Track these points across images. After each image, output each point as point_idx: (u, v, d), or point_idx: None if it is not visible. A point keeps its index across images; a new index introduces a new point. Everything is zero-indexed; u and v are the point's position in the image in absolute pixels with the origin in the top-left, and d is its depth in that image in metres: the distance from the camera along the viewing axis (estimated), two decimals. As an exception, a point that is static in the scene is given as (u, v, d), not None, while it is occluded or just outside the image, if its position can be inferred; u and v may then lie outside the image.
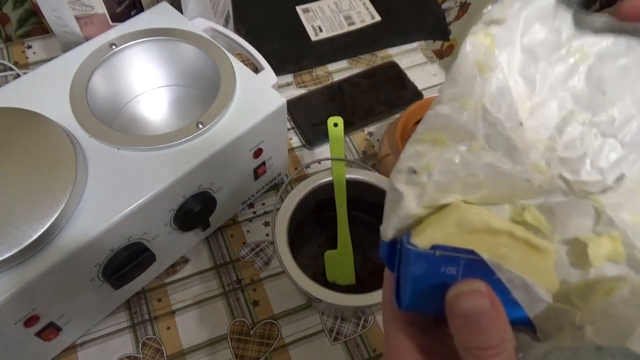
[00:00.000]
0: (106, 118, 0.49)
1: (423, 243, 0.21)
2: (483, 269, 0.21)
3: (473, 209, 0.21)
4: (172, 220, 0.46)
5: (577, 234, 0.22)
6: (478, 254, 0.21)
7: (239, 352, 0.50)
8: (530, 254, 0.22)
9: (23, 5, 0.72)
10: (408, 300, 0.22)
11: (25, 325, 0.40)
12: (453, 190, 0.22)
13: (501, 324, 0.20)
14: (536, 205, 0.23)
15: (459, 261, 0.21)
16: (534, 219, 0.23)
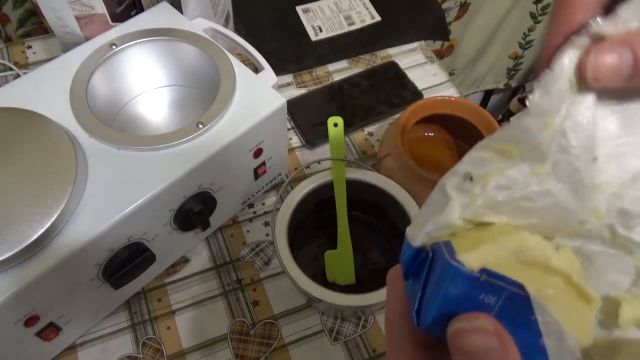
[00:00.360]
0: (106, 118, 0.49)
1: (472, 263, 0.18)
2: (523, 306, 0.19)
3: (535, 240, 0.20)
4: (172, 220, 0.46)
5: (611, 290, 0.21)
6: (526, 289, 0.18)
7: (239, 352, 0.50)
8: (577, 302, 0.20)
9: (23, 5, 0.72)
10: (431, 320, 0.19)
11: (25, 325, 0.40)
12: (502, 210, 0.20)
13: None
14: (572, 247, 0.21)
15: (502, 292, 0.19)
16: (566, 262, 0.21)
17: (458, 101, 0.57)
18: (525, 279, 0.19)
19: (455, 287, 0.18)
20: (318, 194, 0.52)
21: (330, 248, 0.53)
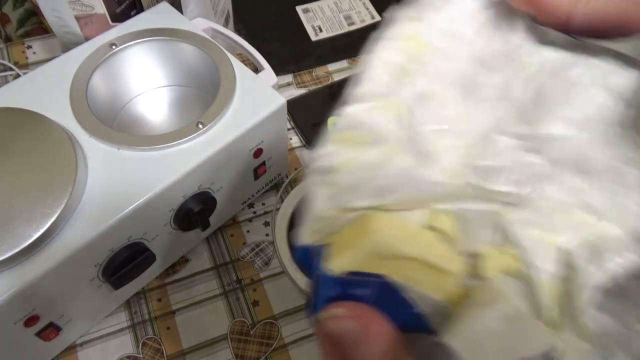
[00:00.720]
0: (106, 118, 0.49)
1: (337, 268, 0.21)
2: (391, 290, 0.21)
3: (386, 234, 0.21)
4: (172, 220, 0.46)
5: (478, 245, 0.22)
6: (385, 277, 0.21)
7: (239, 352, 0.50)
8: (437, 275, 0.21)
9: (23, 5, 0.72)
10: None
11: (25, 325, 0.40)
12: (366, 192, 0.22)
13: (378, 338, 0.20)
14: (447, 211, 0.22)
15: (370, 283, 0.21)
16: (446, 225, 0.22)
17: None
18: (385, 270, 0.21)
19: (330, 291, 0.21)
20: (318, 194, 0.52)
21: (330, 248, 0.53)
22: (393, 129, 0.22)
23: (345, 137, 0.22)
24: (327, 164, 0.21)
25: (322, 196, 0.21)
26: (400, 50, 0.22)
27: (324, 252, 0.21)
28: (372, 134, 0.22)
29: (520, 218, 0.22)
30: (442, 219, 0.22)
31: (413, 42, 0.22)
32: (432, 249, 0.22)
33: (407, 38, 0.22)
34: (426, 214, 0.22)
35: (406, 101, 0.22)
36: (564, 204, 0.21)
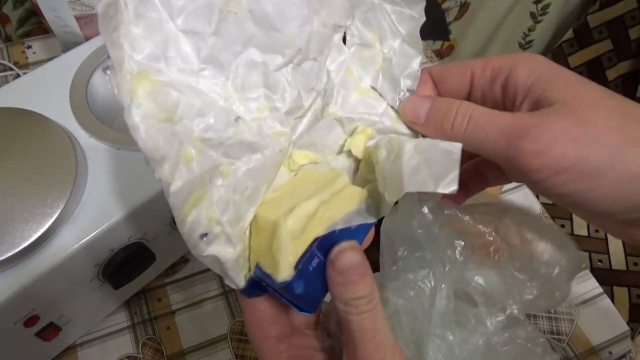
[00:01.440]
0: (106, 118, 0.49)
1: (287, 274, 0.23)
2: (327, 237, 0.24)
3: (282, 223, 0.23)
4: (172, 220, 0.46)
5: (338, 146, 0.26)
6: (316, 238, 0.23)
7: (239, 352, 0.50)
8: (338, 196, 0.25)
9: (23, 5, 0.72)
10: (309, 305, 0.24)
11: (25, 325, 0.40)
12: (244, 210, 0.24)
13: (370, 275, 0.23)
14: (296, 148, 0.26)
15: (314, 252, 0.23)
16: (303, 158, 0.26)
17: (458, 101, 0.57)
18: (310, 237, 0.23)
19: (298, 288, 0.23)
20: (318, 194, 0.52)
21: (330, 248, 0.53)
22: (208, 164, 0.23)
23: (187, 208, 0.22)
24: (199, 232, 0.22)
25: (223, 250, 0.24)
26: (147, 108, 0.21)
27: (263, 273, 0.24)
28: (199, 184, 0.22)
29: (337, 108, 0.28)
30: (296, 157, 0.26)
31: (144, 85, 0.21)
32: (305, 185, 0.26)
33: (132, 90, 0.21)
34: (284, 166, 0.26)
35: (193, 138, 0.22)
36: None
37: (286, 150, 0.26)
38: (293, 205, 0.23)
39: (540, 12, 1.11)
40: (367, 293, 0.23)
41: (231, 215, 0.23)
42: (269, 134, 0.25)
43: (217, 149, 0.23)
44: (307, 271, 0.23)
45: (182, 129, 0.22)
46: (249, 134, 0.24)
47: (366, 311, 0.23)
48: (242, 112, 0.24)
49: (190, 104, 0.22)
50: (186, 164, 0.22)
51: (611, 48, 0.93)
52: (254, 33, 0.23)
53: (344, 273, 0.23)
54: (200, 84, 0.23)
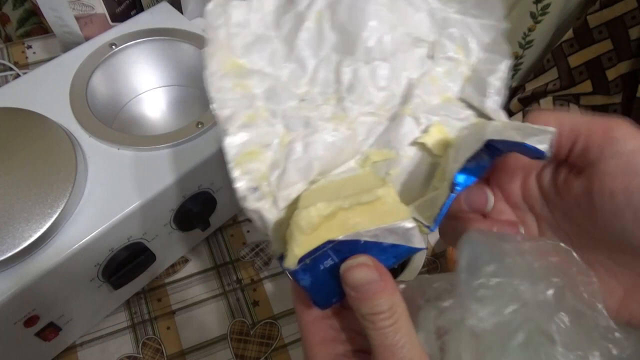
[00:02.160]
0: (106, 118, 0.49)
1: (291, 264, 0.23)
2: (349, 244, 0.23)
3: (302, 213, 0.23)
4: (172, 220, 0.46)
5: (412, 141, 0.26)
6: (334, 240, 0.23)
7: (239, 352, 0.50)
8: (370, 208, 0.24)
9: (23, 5, 0.72)
10: (320, 301, 0.24)
11: (25, 325, 0.40)
12: (294, 180, 0.25)
13: (389, 291, 0.22)
14: (372, 145, 0.27)
15: (328, 253, 0.23)
16: (377, 155, 0.27)
17: (458, 101, 0.57)
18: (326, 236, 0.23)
19: (304, 279, 0.24)
20: (318, 194, 0.52)
21: (330, 248, 0.53)
22: (270, 127, 0.26)
23: (242, 159, 0.25)
24: (249, 185, 0.24)
25: (266, 208, 0.24)
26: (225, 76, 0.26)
27: (282, 257, 0.24)
28: (260, 141, 0.25)
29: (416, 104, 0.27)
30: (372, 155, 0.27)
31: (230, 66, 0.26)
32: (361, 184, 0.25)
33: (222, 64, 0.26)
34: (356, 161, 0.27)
35: (260, 105, 0.26)
36: None
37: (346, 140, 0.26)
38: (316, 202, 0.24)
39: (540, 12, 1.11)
40: (385, 308, 0.22)
41: (280, 179, 0.25)
42: (330, 118, 0.27)
43: (280, 119, 0.26)
44: (316, 268, 0.23)
45: (251, 95, 0.26)
46: (310, 113, 0.26)
47: (385, 327, 0.22)
48: (309, 97, 0.27)
49: (264, 80, 0.27)
50: (249, 122, 0.25)
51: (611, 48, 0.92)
52: (330, 37, 0.27)
53: (356, 288, 0.23)
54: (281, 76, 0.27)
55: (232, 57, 0.27)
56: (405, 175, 0.27)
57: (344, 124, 0.27)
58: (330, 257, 0.23)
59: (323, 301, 0.24)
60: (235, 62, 0.27)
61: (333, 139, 0.26)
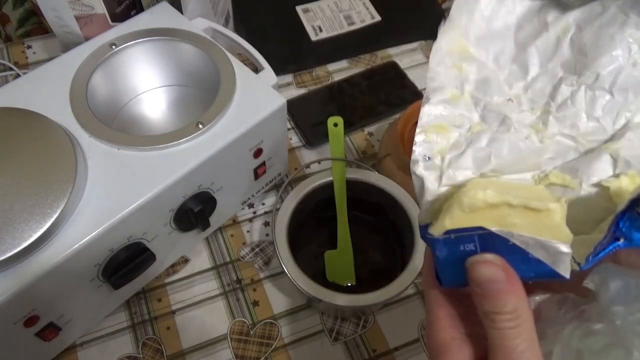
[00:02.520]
0: (106, 118, 0.49)
1: (437, 231, 0.24)
2: (497, 239, 0.23)
3: (470, 191, 0.23)
4: (172, 220, 0.46)
5: (600, 179, 0.25)
6: (486, 228, 0.23)
7: (239, 352, 0.50)
8: (534, 216, 0.23)
9: (23, 5, 0.72)
10: (444, 278, 0.25)
11: (25, 325, 0.40)
12: (466, 166, 0.25)
13: (515, 293, 0.22)
14: (557, 167, 0.26)
15: (474, 238, 0.23)
16: (559, 178, 0.25)
17: (458, 101, 0.57)
18: (480, 222, 0.23)
19: (440, 251, 0.24)
20: (318, 194, 0.52)
21: (330, 248, 0.53)
22: (468, 112, 0.27)
23: (431, 129, 0.26)
24: (425, 153, 0.26)
25: (430, 179, 0.25)
26: (451, 54, 0.28)
27: (428, 224, 0.25)
28: (452, 120, 0.26)
29: (623, 146, 0.25)
30: (552, 175, 0.25)
31: (459, 46, 0.28)
32: (532, 193, 0.24)
33: (454, 45, 0.28)
34: (534, 177, 0.26)
35: (469, 89, 0.27)
36: None
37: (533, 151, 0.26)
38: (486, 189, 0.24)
39: (540, 12, 1.11)
40: (508, 310, 0.22)
41: (455, 160, 0.25)
42: (527, 125, 0.27)
43: (480, 109, 0.27)
44: (456, 246, 0.24)
45: (464, 78, 0.28)
46: (511, 114, 0.27)
47: (506, 328, 0.22)
48: (517, 100, 0.28)
49: (482, 71, 0.28)
50: (451, 100, 0.27)
51: (611, 48, 0.93)
52: (564, 53, 0.28)
53: (479, 284, 0.22)
54: (500, 73, 0.28)
55: (463, 40, 0.28)
56: (577, 206, 0.25)
57: (538, 135, 0.26)
58: (474, 243, 0.24)
59: (447, 279, 0.25)
60: (465, 46, 0.28)
61: (521, 145, 0.26)
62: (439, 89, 0.27)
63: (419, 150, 0.26)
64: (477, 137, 0.26)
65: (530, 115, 0.27)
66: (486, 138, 0.26)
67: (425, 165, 0.26)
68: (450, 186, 0.25)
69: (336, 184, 0.52)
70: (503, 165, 0.26)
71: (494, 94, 0.28)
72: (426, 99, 0.27)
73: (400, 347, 0.51)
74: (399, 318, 0.52)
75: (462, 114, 0.27)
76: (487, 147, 0.26)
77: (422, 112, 0.26)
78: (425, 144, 0.26)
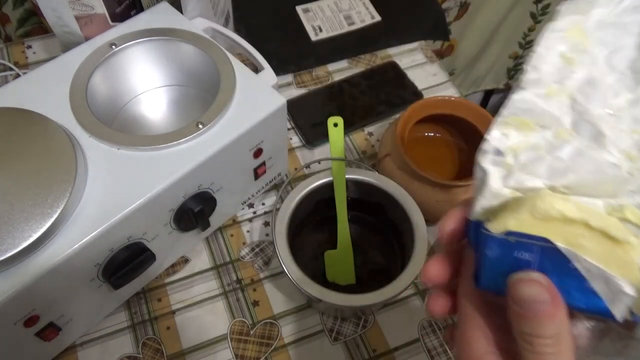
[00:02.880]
0: (106, 118, 0.49)
1: (496, 228, 0.22)
2: (558, 257, 0.21)
3: (548, 197, 0.22)
4: (172, 220, 0.46)
5: None
6: (552, 242, 0.21)
7: (239, 352, 0.50)
8: (609, 245, 0.21)
9: (23, 5, 0.72)
10: (484, 280, 0.23)
11: (25, 325, 0.40)
12: (539, 173, 0.23)
13: (558, 320, 0.21)
14: (636, 204, 0.22)
15: (533, 248, 0.21)
16: (636, 217, 0.22)
17: (458, 101, 0.57)
18: (548, 233, 0.21)
19: (492, 251, 0.22)
20: (318, 194, 0.52)
21: (330, 248, 0.53)
22: (560, 114, 0.23)
23: (514, 122, 0.24)
24: (498, 146, 0.23)
25: (495, 176, 0.23)
26: (563, 41, 0.24)
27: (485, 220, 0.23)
28: (539, 119, 0.23)
29: None
30: (628, 211, 0.22)
31: (575, 33, 0.24)
32: (611, 222, 0.22)
33: (570, 29, 0.24)
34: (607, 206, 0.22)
35: (570, 88, 0.24)
36: None
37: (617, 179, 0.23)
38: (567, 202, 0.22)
39: (540, 12, 1.11)
40: (549, 334, 0.20)
41: (529, 163, 0.23)
42: (622, 149, 0.23)
43: (576, 115, 0.24)
44: (510, 251, 0.22)
45: (568, 74, 0.24)
46: (607, 131, 0.23)
47: (545, 353, 0.20)
48: (619, 114, 0.24)
49: (590, 68, 0.24)
50: (546, 96, 0.23)
51: (611, 48, 0.93)
52: None
53: (520, 303, 0.21)
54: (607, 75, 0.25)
55: (581, 26, 0.24)
56: None
57: (630, 163, 0.23)
58: (531, 253, 0.22)
59: (486, 282, 0.23)
60: (582, 33, 0.24)
61: (607, 170, 0.23)
62: (536, 81, 0.24)
63: (491, 141, 0.23)
64: (561, 146, 0.23)
65: (628, 137, 0.23)
66: (570, 149, 0.23)
67: (494, 159, 0.23)
68: (515, 190, 0.23)
69: (336, 184, 0.52)
70: (578, 184, 0.23)
71: (596, 102, 0.24)
72: (518, 87, 0.24)
73: (400, 347, 0.51)
74: (399, 318, 0.52)
75: (552, 115, 0.23)
76: (568, 159, 0.23)
77: (511, 100, 0.24)
78: (501, 137, 0.23)
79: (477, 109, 0.56)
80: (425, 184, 0.51)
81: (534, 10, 1.11)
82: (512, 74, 1.27)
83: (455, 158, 0.61)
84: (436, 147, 0.62)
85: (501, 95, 1.36)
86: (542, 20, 1.12)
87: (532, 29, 1.15)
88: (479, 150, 0.24)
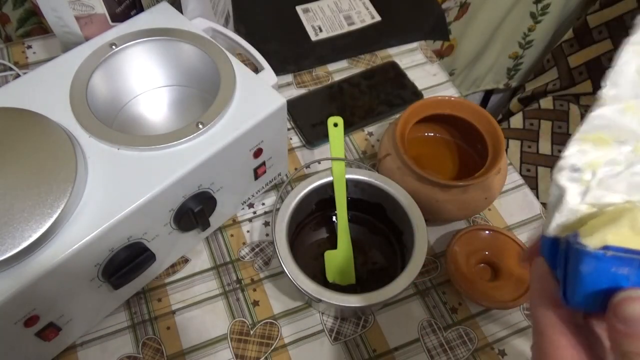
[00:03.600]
0: (106, 118, 0.49)
1: (593, 243, 0.21)
2: None
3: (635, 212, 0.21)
4: (172, 220, 0.46)
5: None
6: None
7: (239, 352, 0.50)
8: None
9: (23, 5, 0.72)
10: (577, 298, 0.22)
11: (25, 325, 0.40)
12: (618, 189, 0.23)
13: None
14: None
15: (633, 262, 0.21)
16: None
17: (458, 101, 0.57)
18: None
19: (586, 267, 0.21)
20: (318, 194, 0.52)
21: (330, 248, 0.53)
22: (636, 129, 0.23)
23: (591, 138, 0.23)
24: (575, 163, 0.23)
25: (573, 192, 0.23)
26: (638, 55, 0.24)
27: (576, 233, 0.22)
28: (617, 134, 0.23)
29: None
30: None
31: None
32: None
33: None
34: None
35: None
36: None
37: None
38: None
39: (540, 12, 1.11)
40: None
41: (607, 179, 0.23)
42: None
43: None
44: (607, 265, 0.21)
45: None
46: None
47: None
48: None
49: None
50: (625, 111, 0.23)
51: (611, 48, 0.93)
52: None
53: (627, 322, 0.20)
54: None
55: None
56: None
57: None
58: (630, 268, 0.21)
59: (578, 299, 0.22)
60: None
61: None
62: (614, 97, 0.24)
63: (569, 158, 0.23)
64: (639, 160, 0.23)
65: None
66: None
67: (570, 176, 0.23)
68: (593, 205, 0.23)
69: (336, 184, 0.52)
70: None
71: None
72: (598, 103, 0.24)
73: (400, 347, 0.51)
74: (399, 318, 0.52)
75: (631, 130, 0.23)
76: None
77: (591, 116, 0.23)
78: (578, 154, 0.23)
79: (477, 109, 0.56)
80: (425, 184, 0.51)
81: (534, 10, 1.11)
82: (512, 74, 1.27)
83: (455, 158, 0.61)
84: (436, 147, 0.62)
85: (501, 95, 1.36)
86: (542, 21, 1.12)
87: (532, 28, 1.15)
88: (555, 168, 0.24)
